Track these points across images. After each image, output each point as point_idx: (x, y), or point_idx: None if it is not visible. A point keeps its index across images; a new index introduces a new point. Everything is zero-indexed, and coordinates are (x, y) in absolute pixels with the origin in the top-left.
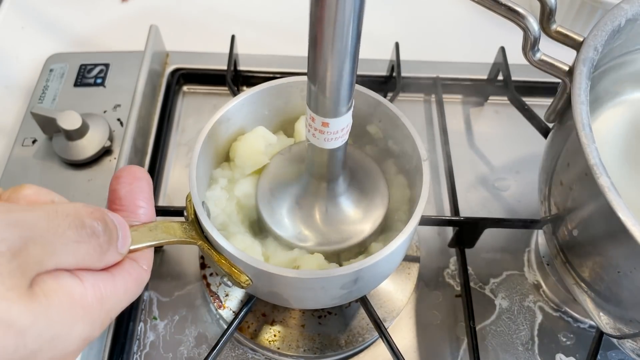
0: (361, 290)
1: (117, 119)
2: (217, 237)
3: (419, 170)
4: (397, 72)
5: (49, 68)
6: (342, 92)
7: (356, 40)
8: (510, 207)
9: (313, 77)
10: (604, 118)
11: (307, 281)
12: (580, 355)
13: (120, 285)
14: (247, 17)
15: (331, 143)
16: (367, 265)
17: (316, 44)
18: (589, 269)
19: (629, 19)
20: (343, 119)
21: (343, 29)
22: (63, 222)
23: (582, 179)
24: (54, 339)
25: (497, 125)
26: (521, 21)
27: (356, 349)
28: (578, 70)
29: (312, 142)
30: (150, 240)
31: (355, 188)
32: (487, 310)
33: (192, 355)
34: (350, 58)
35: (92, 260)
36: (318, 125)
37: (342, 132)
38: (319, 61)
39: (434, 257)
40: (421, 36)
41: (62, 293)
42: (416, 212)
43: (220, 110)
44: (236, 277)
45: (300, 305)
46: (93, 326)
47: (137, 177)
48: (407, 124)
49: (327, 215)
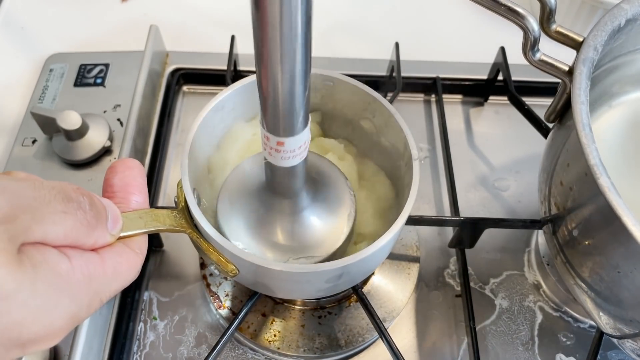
0: (346, 283)
1: (117, 119)
2: (206, 226)
3: (409, 168)
4: (397, 72)
5: (49, 68)
6: (296, 109)
7: (306, 49)
8: (510, 207)
9: (263, 95)
10: (604, 118)
11: (293, 274)
12: (580, 355)
13: (109, 267)
14: (247, 17)
15: (289, 161)
16: (353, 262)
17: (262, 58)
18: (589, 269)
19: (629, 19)
20: (300, 137)
21: (290, 38)
22: (49, 193)
23: (582, 179)
24: (38, 310)
25: (497, 125)
26: (521, 21)
27: (356, 349)
28: (578, 71)
29: (269, 160)
30: (141, 228)
31: (319, 201)
32: (487, 310)
33: (192, 355)
34: (302, 69)
35: (79, 233)
36: (273, 144)
37: (300, 149)
38: (266, 78)
39: (434, 257)
40: (421, 36)
41: (48, 267)
42: (404, 211)
43: (216, 97)
44: (223, 266)
45: (286, 295)
46: (80, 305)
47: (129, 166)
48: (401, 121)
49: (292, 232)
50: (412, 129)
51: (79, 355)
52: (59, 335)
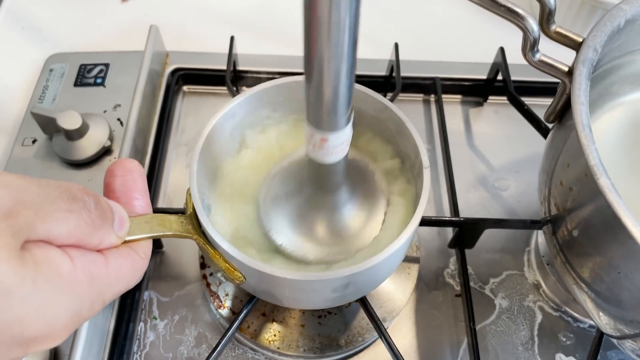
0: (355, 294)
1: (117, 119)
2: (213, 233)
3: (420, 176)
4: (397, 72)
5: (49, 68)
6: (340, 105)
7: (353, 48)
8: (510, 208)
9: (309, 92)
10: (603, 119)
11: (298, 282)
12: (580, 355)
13: (112, 269)
14: (246, 17)
15: (331, 157)
16: (359, 271)
17: (310, 55)
18: (589, 270)
19: (628, 19)
20: (342, 133)
21: (338, 36)
22: (54, 192)
23: (582, 180)
24: (40, 308)
25: (497, 125)
26: (520, 22)
27: (356, 348)
28: (578, 71)
29: (312, 156)
30: (146, 232)
31: (357, 195)
32: (487, 310)
33: (192, 355)
34: (348, 65)
35: (83, 233)
36: (317, 140)
37: (342, 145)
38: (313, 75)
39: (434, 257)
40: (421, 36)
41: (50, 266)
42: (413, 220)
43: (227, 105)
44: (230, 273)
45: (293, 304)
46: (81, 305)
47: (129, 169)
48: (412, 129)
49: (332, 227)
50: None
51: (79, 355)
52: (61, 335)
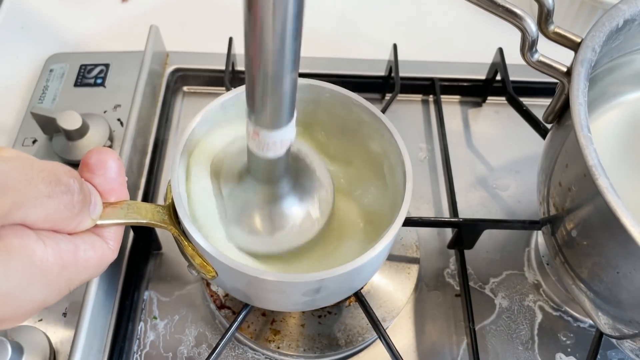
0: (326, 299)
1: (117, 119)
2: (188, 225)
3: (394, 175)
4: (396, 72)
5: (49, 68)
6: (282, 102)
7: (294, 47)
8: (509, 208)
9: (249, 87)
10: (602, 119)
11: (268, 282)
12: (580, 354)
13: (81, 257)
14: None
15: (271, 153)
16: (330, 277)
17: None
18: (588, 270)
19: (627, 19)
20: (284, 131)
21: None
22: (37, 176)
23: (581, 180)
24: (8, 295)
25: (496, 125)
26: (519, 22)
27: (356, 348)
28: (576, 72)
29: (252, 150)
30: (120, 218)
31: (298, 188)
32: (487, 310)
33: (192, 355)
34: (290, 61)
35: (62, 218)
36: (257, 135)
37: (283, 143)
38: (254, 71)
39: (433, 257)
40: (419, 37)
41: (23, 252)
42: (389, 233)
43: (216, 100)
44: (202, 267)
45: (262, 304)
46: (50, 291)
47: (108, 167)
48: (400, 143)
49: (271, 220)
50: (411, 129)
51: (79, 355)
52: (23, 318)
